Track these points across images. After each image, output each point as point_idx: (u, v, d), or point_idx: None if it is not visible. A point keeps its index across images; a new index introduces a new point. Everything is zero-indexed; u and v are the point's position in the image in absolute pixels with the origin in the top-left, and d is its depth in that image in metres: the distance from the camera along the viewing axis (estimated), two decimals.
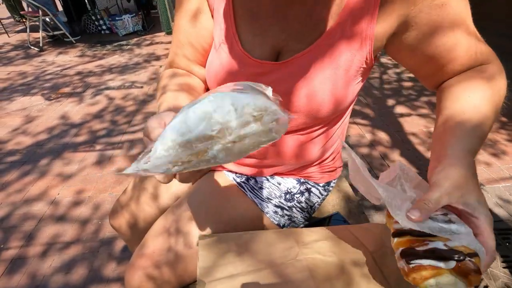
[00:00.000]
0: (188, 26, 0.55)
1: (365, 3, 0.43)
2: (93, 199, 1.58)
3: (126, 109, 2.47)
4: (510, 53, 3.31)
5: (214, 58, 0.53)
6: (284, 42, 0.48)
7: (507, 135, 1.97)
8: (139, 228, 0.72)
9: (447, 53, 0.44)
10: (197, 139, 0.27)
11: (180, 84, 0.54)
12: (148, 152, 0.29)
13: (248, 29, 0.49)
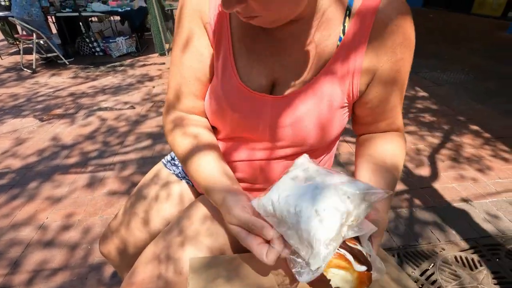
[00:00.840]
0: (194, 61, 0.56)
1: (357, 41, 0.47)
2: (83, 222, 1.55)
3: (118, 130, 2.48)
4: (488, 71, 3.47)
5: (217, 88, 0.55)
6: (278, 74, 0.52)
7: (491, 151, 2.03)
8: (129, 254, 0.72)
9: (386, 110, 0.55)
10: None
11: (210, 157, 0.54)
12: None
13: (246, 63, 0.52)
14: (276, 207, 0.38)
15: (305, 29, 0.48)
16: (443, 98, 2.86)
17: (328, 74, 0.49)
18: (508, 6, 6.02)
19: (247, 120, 0.54)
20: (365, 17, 0.46)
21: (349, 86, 0.50)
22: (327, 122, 0.51)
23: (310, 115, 0.50)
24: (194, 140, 0.56)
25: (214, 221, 0.61)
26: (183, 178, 0.75)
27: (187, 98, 0.59)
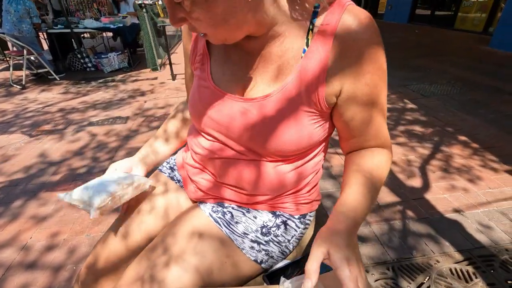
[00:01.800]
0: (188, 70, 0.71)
1: (320, 53, 0.49)
2: (69, 242, 1.49)
3: (108, 145, 2.44)
4: (473, 83, 3.58)
5: (195, 95, 0.61)
6: (248, 83, 0.55)
7: (480, 161, 2.06)
8: (99, 267, 0.65)
9: (366, 126, 0.56)
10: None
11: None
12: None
13: (220, 71, 0.58)
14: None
15: (271, 41, 0.52)
16: (431, 110, 2.92)
17: (294, 84, 0.51)
18: (489, 22, 6.29)
19: (218, 117, 0.57)
20: (329, 27, 0.48)
21: (315, 96, 0.51)
22: (301, 126, 0.53)
23: (280, 118, 0.52)
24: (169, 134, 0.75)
25: (202, 237, 0.59)
26: (179, 181, 0.77)
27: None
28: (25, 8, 3.86)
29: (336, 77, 0.50)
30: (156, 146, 0.78)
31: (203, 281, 0.55)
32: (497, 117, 2.71)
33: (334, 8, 0.48)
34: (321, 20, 0.49)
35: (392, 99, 3.22)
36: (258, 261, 0.61)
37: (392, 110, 2.94)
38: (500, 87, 3.44)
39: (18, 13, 3.84)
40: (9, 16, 3.85)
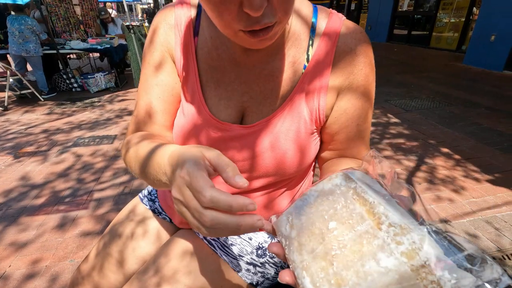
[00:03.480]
0: (164, 93, 0.55)
1: (321, 66, 0.49)
2: (51, 268, 1.42)
3: (94, 166, 2.39)
4: (450, 97, 3.76)
5: (183, 122, 0.55)
6: (247, 104, 0.52)
7: (462, 171, 2.13)
8: None
9: (350, 141, 0.54)
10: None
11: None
12: None
13: (214, 94, 0.53)
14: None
15: (272, 55, 0.50)
16: (414, 123, 3.03)
17: (295, 99, 0.50)
18: (461, 40, 6.70)
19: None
20: (328, 43, 0.49)
21: (315, 112, 0.51)
22: (301, 146, 0.52)
23: (285, 140, 0.51)
24: (145, 146, 0.48)
25: (195, 257, 0.58)
26: (160, 214, 0.72)
27: (157, 126, 0.57)
28: (29, 27, 3.84)
29: (336, 88, 0.51)
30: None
31: None
32: (475, 129, 2.84)
33: (333, 20, 0.50)
34: (320, 31, 0.50)
35: (376, 114, 3.33)
36: (254, 284, 0.60)
37: (377, 125, 3.03)
38: (475, 101, 3.62)
39: (23, 34, 3.82)
40: (14, 38, 3.82)
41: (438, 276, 0.24)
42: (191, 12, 0.54)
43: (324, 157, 0.59)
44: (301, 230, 0.33)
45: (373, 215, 0.30)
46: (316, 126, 0.53)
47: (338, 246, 0.29)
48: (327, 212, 0.32)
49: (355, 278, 0.27)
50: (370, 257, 0.27)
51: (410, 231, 0.27)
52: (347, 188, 0.33)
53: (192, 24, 0.53)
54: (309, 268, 0.30)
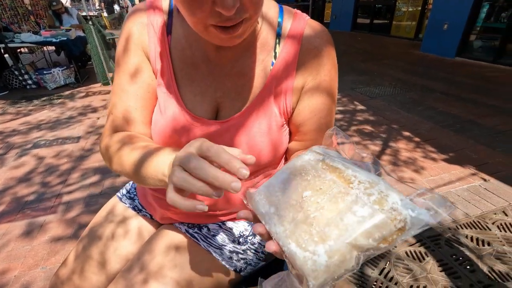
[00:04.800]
0: (140, 90, 0.55)
1: (287, 64, 0.53)
2: (21, 278, 1.35)
3: (59, 168, 2.26)
4: (410, 84, 4.01)
5: (160, 118, 0.55)
6: (221, 99, 0.55)
7: (422, 153, 2.32)
8: None
9: (313, 133, 0.57)
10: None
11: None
12: None
13: (189, 90, 0.54)
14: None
15: (242, 54, 0.53)
16: (378, 110, 3.21)
17: (265, 95, 0.53)
18: (418, 29, 7.11)
19: None
20: (293, 42, 0.53)
21: (283, 105, 0.55)
22: (274, 137, 0.55)
23: (258, 133, 0.54)
24: (145, 149, 0.48)
25: (179, 250, 0.59)
26: (140, 211, 0.72)
27: (135, 124, 0.57)
28: None
29: (301, 83, 0.54)
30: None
31: None
32: (432, 113, 3.08)
33: (297, 21, 0.53)
34: (286, 31, 0.53)
35: (343, 102, 3.47)
36: (237, 270, 0.63)
37: (345, 112, 3.17)
38: (432, 87, 3.91)
39: None
40: None
41: (404, 214, 0.29)
42: (163, 11, 0.54)
43: (291, 147, 0.62)
44: (279, 205, 0.35)
45: (343, 178, 0.34)
46: (285, 118, 0.57)
47: (316, 209, 0.33)
48: (301, 184, 0.36)
49: (337, 231, 0.30)
50: (347, 211, 0.31)
51: (377, 184, 0.31)
52: (316, 161, 0.37)
53: (164, 23, 0.54)
54: (293, 234, 0.32)
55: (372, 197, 0.30)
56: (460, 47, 5.42)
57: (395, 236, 0.29)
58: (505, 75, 4.38)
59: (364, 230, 0.29)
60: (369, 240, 0.29)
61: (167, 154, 0.43)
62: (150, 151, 0.46)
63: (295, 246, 0.32)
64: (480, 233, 1.50)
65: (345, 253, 0.29)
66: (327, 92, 0.56)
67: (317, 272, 0.30)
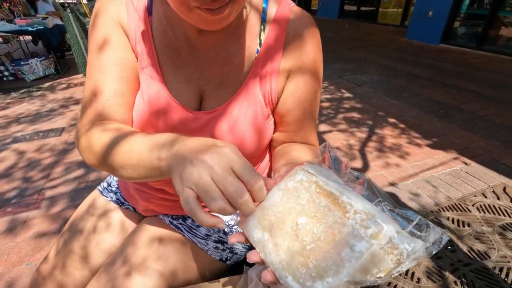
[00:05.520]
0: (126, 73, 0.51)
1: (272, 50, 0.51)
2: (5, 275, 1.32)
3: (41, 162, 2.19)
4: (396, 71, 4.06)
5: (142, 105, 0.52)
6: (204, 87, 0.52)
7: (407, 139, 2.36)
8: None
9: (297, 124, 0.57)
10: None
11: (141, 135, 0.44)
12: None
13: (172, 77, 0.52)
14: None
15: (227, 39, 0.50)
16: (365, 97, 3.24)
17: (250, 83, 0.52)
18: (404, 16, 7.14)
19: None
20: (279, 28, 0.51)
21: (268, 94, 0.53)
22: (259, 129, 0.54)
23: (243, 123, 0.52)
24: (117, 131, 0.45)
25: (163, 242, 0.59)
26: (123, 204, 0.71)
27: (122, 111, 0.52)
28: None
29: (285, 70, 0.52)
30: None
31: (168, 284, 0.55)
32: (417, 100, 3.13)
33: (282, 7, 0.52)
34: (271, 17, 0.51)
35: (330, 90, 3.48)
36: (223, 260, 0.63)
37: (332, 100, 3.18)
38: (417, 74, 3.96)
39: None
40: None
41: (400, 248, 0.28)
42: None
43: (276, 138, 0.61)
44: (273, 231, 0.35)
45: (338, 206, 0.33)
46: (270, 108, 0.55)
47: (312, 240, 0.32)
48: (295, 209, 0.35)
49: (335, 267, 0.30)
50: (344, 245, 0.30)
51: (373, 215, 0.31)
52: (309, 182, 0.36)
53: (145, 2, 0.51)
54: (289, 266, 0.32)
55: (369, 231, 0.30)
56: (445, 34, 5.49)
57: (391, 269, 0.29)
58: (487, 61, 4.48)
59: (361, 267, 0.29)
60: (366, 277, 0.29)
61: (165, 137, 0.40)
62: (144, 135, 0.43)
63: (292, 280, 0.32)
64: (461, 215, 1.55)
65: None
66: (312, 81, 0.54)
67: None
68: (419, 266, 1.28)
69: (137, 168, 0.41)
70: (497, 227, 1.47)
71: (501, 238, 1.40)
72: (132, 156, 0.41)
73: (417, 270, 1.26)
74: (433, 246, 0.29)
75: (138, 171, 0.41)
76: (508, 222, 1.49)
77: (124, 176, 0.44)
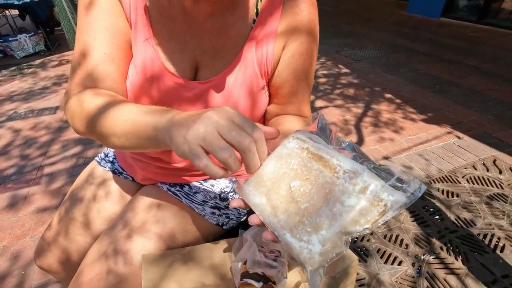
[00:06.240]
0: (117, 39, 0.50)
1: (269, 20, 0.50)
2: (10, 248, 1.37)
3: (38, 140, 2.19)
4: (394, 46, 3.99)
5: (135, 74, 0.52)
6: (200, 58, 0.52)
7: (402, 114, 2.38)
8: (74, 262, 0.67)
9: (291, 96, 0.57)
10: None
11: (135, 106, 0.44)
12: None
13: (167, 47, 0.51)
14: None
15: (223, 9, 0.50)
16: (362, 73, 3.21)
17: (246, 52, 0.52)
18: None
19: (172, 106, 0.53)
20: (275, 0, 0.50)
21: (264, 64, 0.53)
22: (253, 100, 0.55)
23: (238, 94, 0.53)
24: (111, 97, 0.45)
25: (161, 207, 0.61)
26: (121, 174, 0.73)
27: (112, 77, 0.51)
28: None
29: (282, 35, 0.52)
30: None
31: (167, 246, 0.58)
32: (414, 75, 3.10)
33: None
34: None
35: (328, 66, 3.43)
36: (220, 224, 0.66)
37: (329, 76, 3.15)
38: (416, 48, 3.89)
39: None
40: None
41: (385, 200, 0.32)
42: None
43: (270, 110, 0.62)
44: (269, 195, 0.37)
45: (329, 168, 0.36)
46: (266, 79, 0.56)
47: (306, 200, 0.35)
48: (288, 174, 0.37)
49: (328, 221, 0.33)
50: (336, 201, 0.33)
51: (360, 174, 0.34)
52: (301, 149, 0.38)
53: None
54: (287, 225, 0.35)
55: (357, 187, 0.33)
56: (446, 7, 5.33)
57: (377, 219, 0.32)
58: (487, 35, 4.40)
59: (351, 218, 0.32)
60: (356, 227, 0.32)
61: (161, 109, 0.40)
62: (139, 105, 0.42)
63: (290, 237, 0.35)
64: (451, 186, 1.61)
65: (336, 240, 0.33)
66: (309, 42, 0.53)
67: (313, 259, 0.33)
68: (408, 233, 1.34)
69: (130, 137, 0.41)
70: (484, 197, 1.52)
71: (488, 207, 1.46)
72: (126, 123, 0.41)
73: (405, 237, 1.32)
74: (413, 195, 0.32)
75: (131, 140, 0.41)
76: (495, 192, 1.55)
77: (115, 145, 0.43)
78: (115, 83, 0.51)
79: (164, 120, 0.37)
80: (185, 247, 0.61)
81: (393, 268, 1.19)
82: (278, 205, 0.36)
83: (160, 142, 0.37)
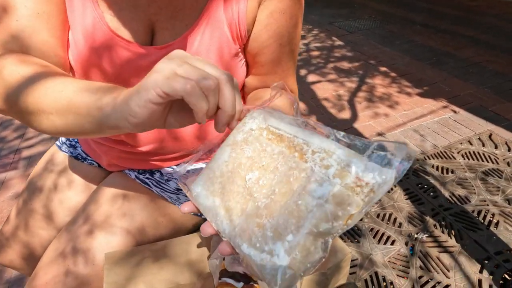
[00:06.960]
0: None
1: None
2: None
3: (14, 122, 2.06)
4: (390, 16, 3.82)
5: (75, 45, 0.43)
6: (156, 17, 0.43)
7: (397, 88, 2.29)
8: (39, 257, 0.60)
9: (272, 65, 0.48)
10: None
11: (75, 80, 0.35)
12: None
13: (112, 3, 0.41)
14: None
15: None
16: (356, 45, 3.07)
17: (212, 8, 0.42)
18: None
19: (123, 77, 0.44)
20: None
21: (236, 25, 0.44)
22: (226, 68, 0.46)
23: (203, 55, 0.43)
24: (42, 67, 0.36)
25: (128, 198, 0.54)
26: (85, 159, 0.64)
27: (41, 38, 0.40)
28: None
29: (254, 5, 0.43)
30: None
31: (136, 241, 0.51)
32: (410, 46, 2.98)
33: None
34: None
35: (321, 38, 3.28)
36: (198, 214, 0.59)
37: (322, 49, 3.01)
38: (412, 19, 3.73)
39: None
40: None
41: (371, 183, 0.23)
42: None
43: (248, 83, 0.53)
44: (224, 195, 0.29)
45: (294, 149, 0.27)
46: (239, 44, 0.46)
47: (267, 195, 0.27)
48: (245, 164, 0.29)
49: (294, 220, 0.25)
50: (303, 192, 0.25)
51: (334, 151, 0.25)
52: (260, 130, 0.30)
53: None
54: (244, 232, 0.26)
55: (331, 170, 0.25)
56: None
57: (362, 206, 0.24)
58: (486, 4, 4.23)
59: (324, 213, 0.24)
60: (332, 223, 0.24)
61: (105, 83, 0.33)
62: (76, 79, 0.35)
63: (248, 247, 0.26)
64: (446, 162, 1.57)
65: (308, 245, 0.24)
66: (290, 11, 0.45)
67: (278, 276, 0.24)
68: (401, 212, 1.31)
69: (65, 114, 0.32)
70: (479, 172, 1.49)
71: (482, 183, 1.43)
72: (61, 96, 0.32)
73: (399, 215, 1.29)
74: (402, 164, 0.24)
75: (67, 118, 0.32)
76: (490, 168, 1.52)
77: (42, 126, 0.34)
78: (46, 46, 0.40)
79: (111, 94, 0.30)
80: (159, 241, 0.54)
81: (386, 248, 1.16)
82: (233, 206, 0.28)
83: (110, 116, 0.29)
